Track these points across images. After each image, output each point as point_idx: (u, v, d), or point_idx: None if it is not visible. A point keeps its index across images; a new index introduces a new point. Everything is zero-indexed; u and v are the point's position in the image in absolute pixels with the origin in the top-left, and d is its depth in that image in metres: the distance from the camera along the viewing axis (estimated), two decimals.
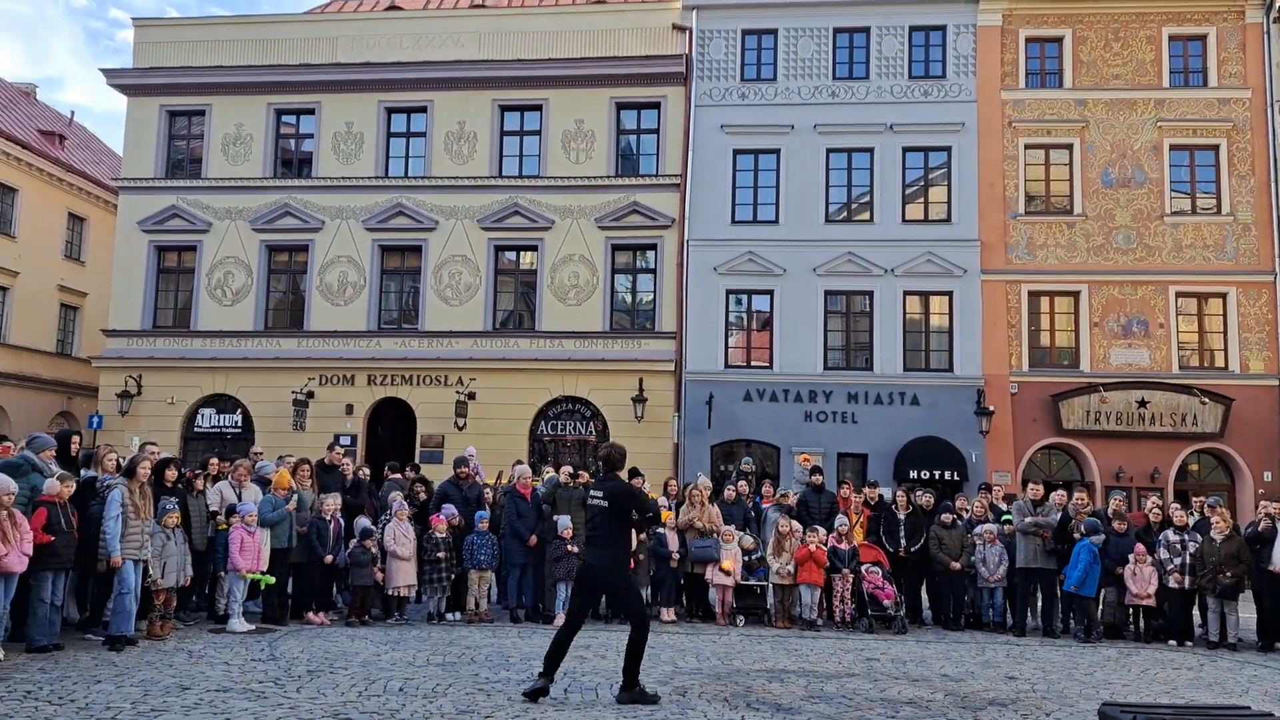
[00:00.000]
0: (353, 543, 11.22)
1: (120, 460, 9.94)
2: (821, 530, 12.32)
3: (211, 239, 23.47)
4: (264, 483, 11.25)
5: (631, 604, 7.48)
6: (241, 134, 23.82)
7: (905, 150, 22.35)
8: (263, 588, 10.50)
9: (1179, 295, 21.39)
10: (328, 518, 11.17)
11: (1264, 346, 21.00)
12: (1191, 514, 12.61)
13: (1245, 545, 11.49)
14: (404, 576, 11.38)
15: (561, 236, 22.65)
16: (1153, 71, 21.95)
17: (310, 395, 22.47)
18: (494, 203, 22.88)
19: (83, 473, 9.93)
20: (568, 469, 12.71)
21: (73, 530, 8.86)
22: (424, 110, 23.52)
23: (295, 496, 11.07)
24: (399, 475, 13.56)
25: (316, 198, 23.34)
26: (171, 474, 10.23)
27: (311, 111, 23.87)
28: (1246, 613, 11.95)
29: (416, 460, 21.37)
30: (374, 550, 11.13)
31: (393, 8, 25.65)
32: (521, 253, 23.26)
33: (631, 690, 7.14)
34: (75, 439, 10.37)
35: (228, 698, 6.94)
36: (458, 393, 22.15)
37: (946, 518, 12.60)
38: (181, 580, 9.88)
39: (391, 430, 23.11)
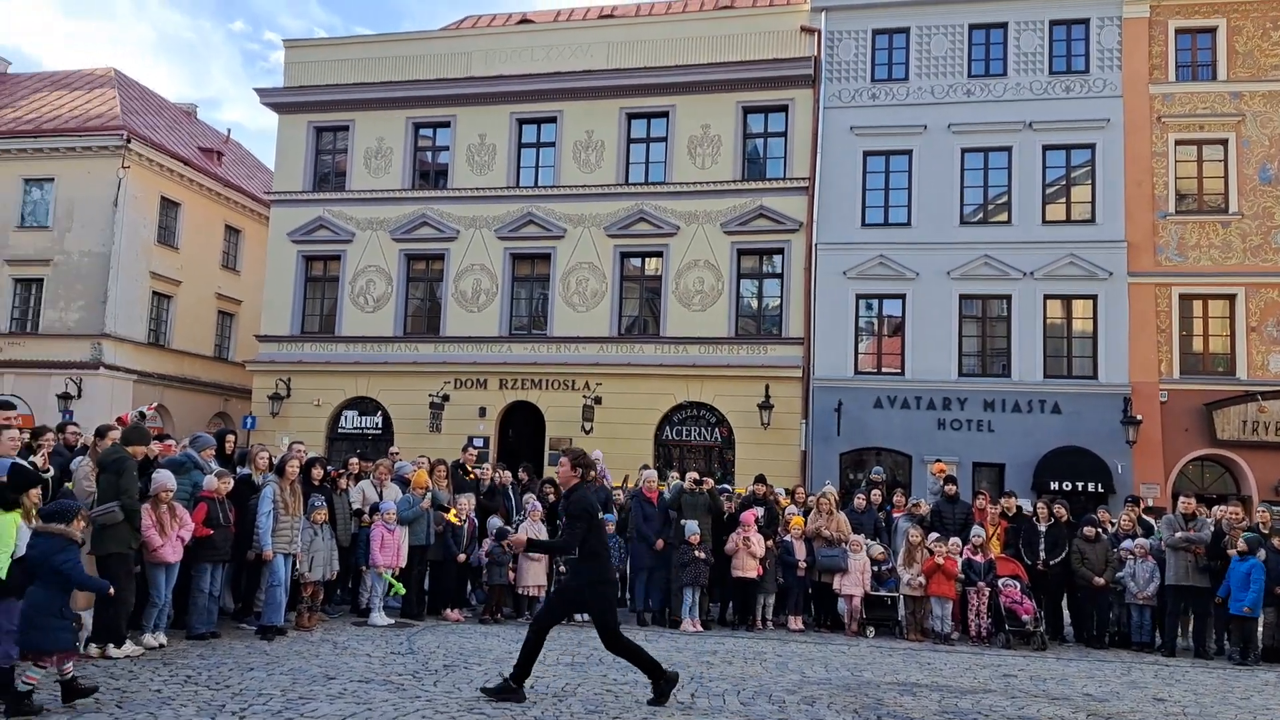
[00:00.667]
0: (487, 542, 11.54)
1: (271, 459, 10.51)
2: (956, 541, 11.99)
3: (354, 248, 24.55)
4: (403, 482, 11.69)
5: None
6: (382, 147, 24.83)
7: (1045, 149, 21.53)
8: (393, 595, 10.85)
9: None
10: (462, 517, 11.52)
11: None
12: None
13: None
14: (534, 576, 11.63)
15: (687, 242, 22.74)
16: None
17: (446, 398, 23.22)
18: (620, 210, 23.16)
19: (238, 470, 10.54)
20: (693, 474, 12.75)
21: (230, 525, 9.42)
22: (554, 120, 24.01)
23: (430, 495, 11.47)
24: (528, 478, 13.91)
25: (452, 208, 24.12)
26: (318, 472, 10.76)
27: (447, 124, 24.69)
28: None
29: (545, 463, 21.92)
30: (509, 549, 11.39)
31: (524, 21, 26.30)
32: (647, 259, 23.46)
33: (658, 680, 7.08)
34: (230, 438, 11.02)
35: (369, 688, 7.25)
36: (585, 397, 22.51)
37: (1090, 531, 12.08)
38: (328, 574, 10.37)
39: (522, 433, 23.66)
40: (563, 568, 11.47)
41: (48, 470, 8.21)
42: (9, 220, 27.30)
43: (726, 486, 14.03)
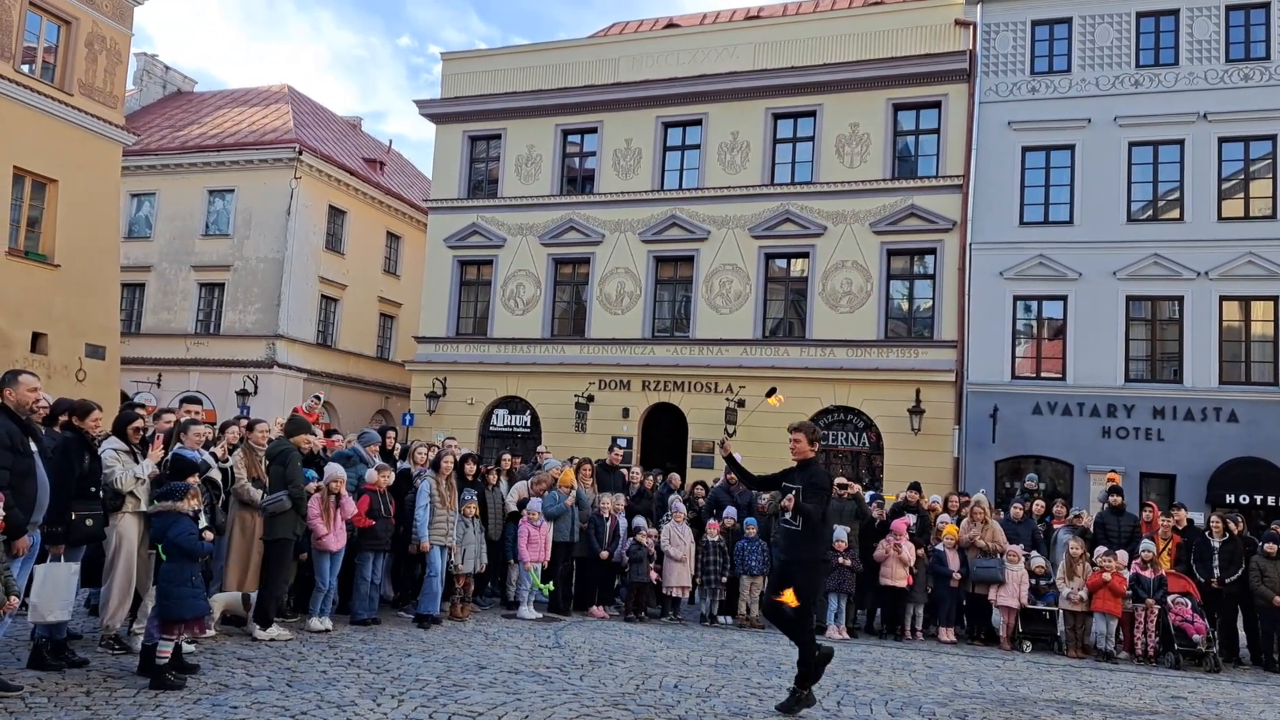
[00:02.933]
0: (629, 539, 11.71)
1: (430, 455, 10.96)
2: (1123, 555, 11.39)
3: (505, 253, 25.30)
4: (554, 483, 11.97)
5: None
6: (532, 154, 25.50)
7: (1221, 141, 20.15)
8: (543, 592, 11.09)
9: None
10: (605, 515, 11.72)
11: None
12: None
13: None
14: (678, 577, 11.72)
15: (834, 243, 22.40)
16: None
17: (590, 399, 23.64)
18: (765, 211, 23.02)
19: (398, 465, 11.05)
20: (839, 480, 12.55)
21: (390, 516, 9.88)
22: (699, 123, 24.10)
23: (574, 493, 11.72)
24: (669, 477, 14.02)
25: (597, 212, 24.54)
26: (471, 468, 11.16)
27: (594, 130, 25.13)
28: None
29: (688, 465, 22.02)
30: (649, 546, 11.53)
31: (670, 25, 26.50)
32: (792, 260, 23.22)
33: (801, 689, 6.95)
34: (391, 434, 11.56)
35: (519, 679, 7.48)
36: (727, 400, 22.47)
37: (1271, 547, 11.25)
38: (478, 566, 10.74)
39: (665, 434, 23.83)
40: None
41: (227, 460, 8.80)
42: (195, 229, 29.42)
43: (877, 493, 13.76)
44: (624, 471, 13.42)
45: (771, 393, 9.28)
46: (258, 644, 8.14)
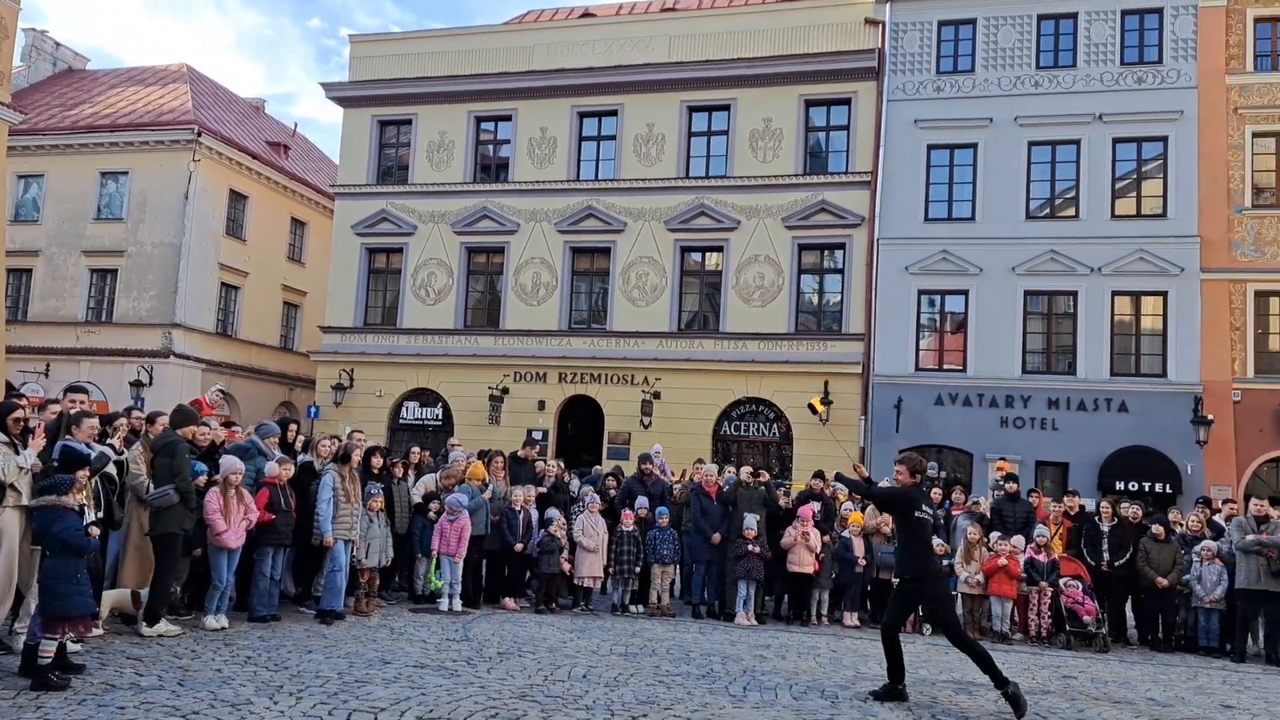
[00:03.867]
0: (541, 531, 11.64)
1: (334, 447, 10.70)
2: (1019, 540, 11.77)
3: (416, 241, 24.89)
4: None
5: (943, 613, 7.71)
6: (444, 141, 25.12)
7: (1115, 141, 20.98)
8: (432, 585, 10.92)
9: None
10: (518, 508, 11.63)
11: None
12: None
13: None
14: (590, 567, 11.69)
15: (747, 237, 22.63)
16: None
17: (505, 391, 23.44)
18: (680, 204, 23.12)
19: (301, 457, 10.75)
20: (748, 468, 12.69)
21: (291, 510, 9.62)
22: (614, 114, 24.06)
23: (490, 487, 11.60)
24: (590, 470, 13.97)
25: (512, 201, 24.32)
26: (377, 461, 10.94)
27: (508, 118, 24.88)
28: None
29: (604, 456, 22.02)
30: (560, 537, 11.48)
31: (586, 15, 26.39)
32: (707, 254, 23.39)
33: (1004, 689, 7.06)
34: (293, 426, 11.25)
35: (424, 674, 7.35)
36: (643, 392, 22.54)
37: (1159, 530, 11.76)
38: (383, 561, 10.54)
39: (581, 427, 23.78)
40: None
41: (122, 453, 8.46)
42: (86, 212, 28.20)
43: (784, 481, 13.94)
44: (538, 464, 13.29)
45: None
46: (148, 642, 7.84)
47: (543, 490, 12.44)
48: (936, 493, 13.59)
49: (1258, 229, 20.07)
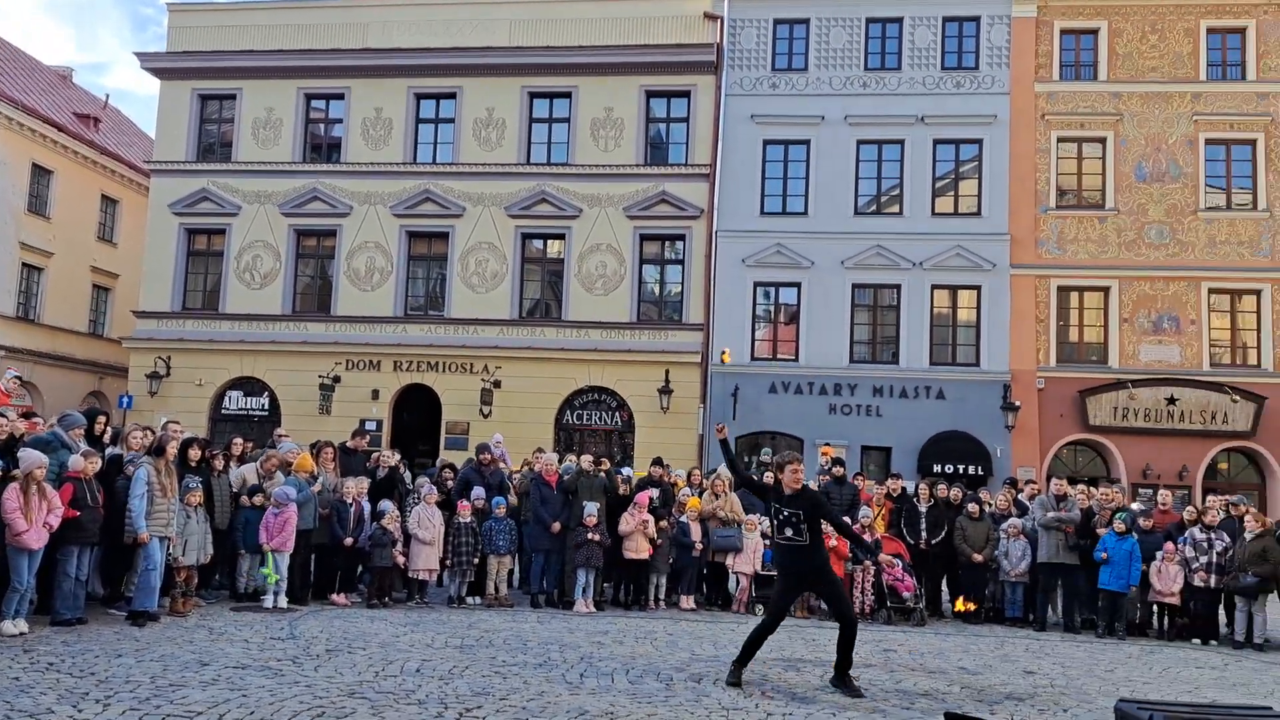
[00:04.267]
0: (373, 524, 11.30)
1: (148, 439, 10.05)
2: (846, 521, 12.25)
3: (240, 222, 23.68)
4: (286, 465, 11.33)
5: (838, 598, 7.75)
6: (271, 118, 23.98)
7: (936, 142, 22.13)
8: (269, 580, 10.47)
9: (1211, 291, 21.08)
10: (349, 501, 11.25)
11: None
12: (1219, 512, 12.37)
13: (1275, 544, 11.30)
14: (425, 560, 11.44)
15: (589, 225, 22.65)
16: (1190, 64, 21.59)
17: (337, 380, 22.65)
18: (522, 190, 22.91)
19: (109, 450, 10.06)
20: (588, 457, 12.72)
21: (98, 506, 8.98)
22: (453, 96, 23.57)
23: (320, 479, 11.17)
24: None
25: (345, 183, 23.48)
26: (195, 453, 10.35)
27: (341, 96, 23.99)
28: (1275, 613, 11.77)
29: (442, 447, 21.62)
30: (393, 530, 11.18)
31: None
32: (549, 241, 23.28)
33: (841, 678, 7.34)
34: (101, 418, 10.51)
35: (245, 674, 7.01)
36: (483, 380, 22.25)
37: (974, 508, 12.51)
38: (202, 558, 10.00)
39: (417, 416, 23.25)
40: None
41: None
42: None
43: (625, 470, 14.04)
44: (375, 462, 12.85)
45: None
46: None
47: (376, 481, 12.07)
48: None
49: (1060, 228, 21.61)
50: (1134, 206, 21.39)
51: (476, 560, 11.71)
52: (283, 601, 10.35)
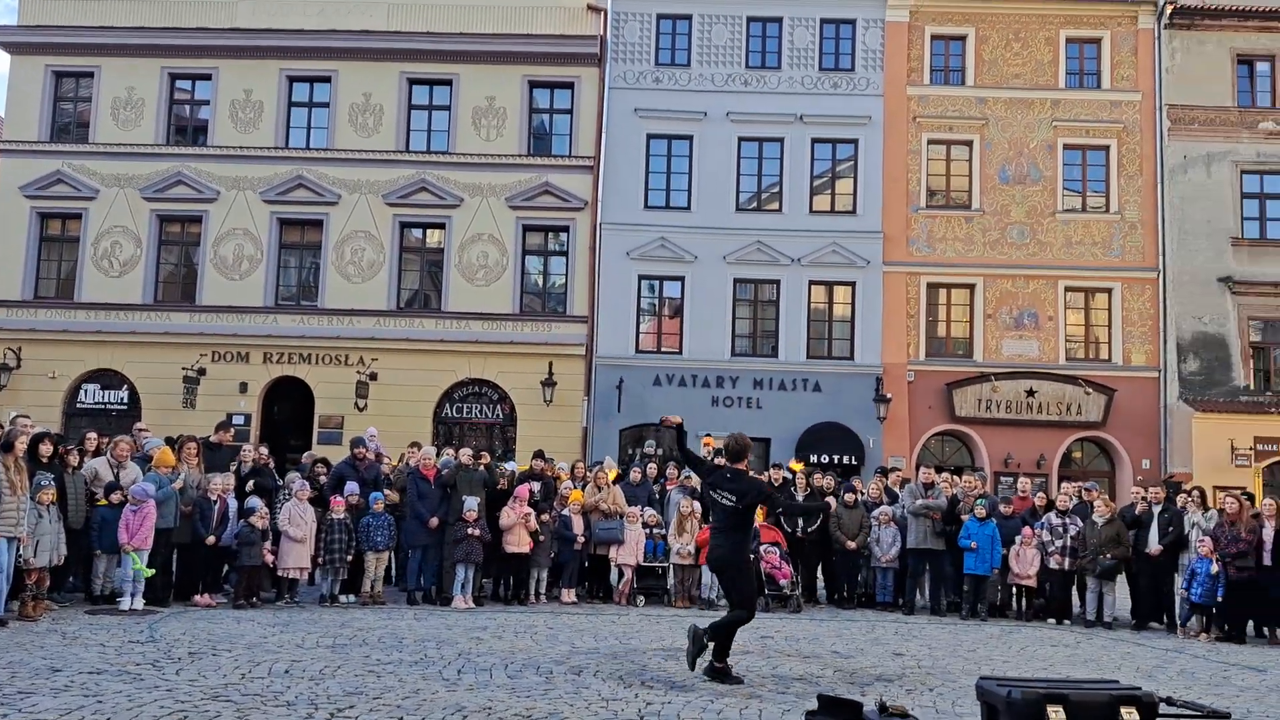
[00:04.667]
0: (240, 522, 10.87)
1: None
2: None
3: (98, 207, 22.43)
4: (147, 461, 10.80)
5: (741, 590, 7.60)
6: (132, 98, 22.78)
7: (814, 141, 22.65)
8: (145, 576, 10.01)
9: (1068, 289, 22.23)
10: (213, 498, 10.79)
11: (1146, 340, 21.98)
12: (1073, 498, 13.05)
13: (1125, 529, 12.00)
14: (296, 558, 11.07)
15: (470, 215, 22.32)
16: (1050, 72, 22.68)
17: (201, 372, 21.71)
18: (400, 178, 22.40)
19: None
20: (467, 451, 12.53)
21: None
22: (328, 80, 22.86)
23: (182, 476, 10.67)
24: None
25: (212, 167, 22.51)
26: (46, 449, 9.76)
27: (208, 77, 22.97)
28: (1122, 593, 12.50)
29: (314, 441, 20.98)
30: (260, 528, 10.78)
31: None
32: (428, 230, 22.87)
33: (717, 667, 7.27)
34: None
35: (101, 680, 6.64)
36: (359, 373, 21.68)
37: (849, 497, 12.86)
38: (54, 559, 9.44)
39: (289, 410, 22.50)
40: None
41: None
42: None
43: (506, 464, 13.92)
44: (242, 458, 12.34)
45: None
46: None
47: (243, 477, 11.61)
48: (652, 468, 14.11)
49: (930, 227, 22.43)
50: (998, 207, 22.37)
51: (350, 558, 11.40)
52: (139, 603, 9.85)
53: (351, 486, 11.71)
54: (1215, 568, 10.94)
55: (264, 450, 12.61)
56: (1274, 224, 22.29)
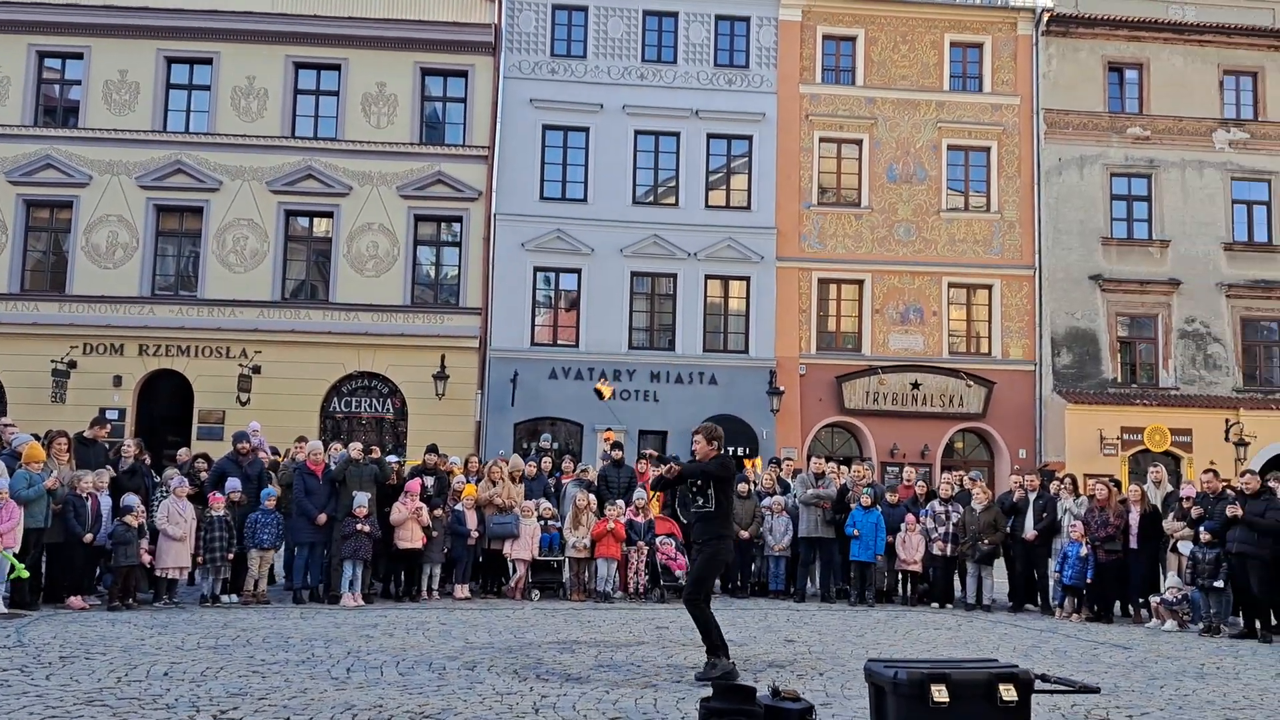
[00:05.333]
0: (115, 521, 10.36)
1: None
2: (620, 504, 12.47)
3: None
4: (16, 458, 10.19)
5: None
6: None
7: (710, 137, 22.87)
8: (10, 577, 9.45)
9: (951, 286, 23.02)
10: (84, 495, 10.26)
11: (1023, 335, 22.94)
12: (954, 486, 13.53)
13: (1002, 515, 12.49)
14: (175, 557, 10.61)
15: (360, 204, 21.79)
16: (935, 75, 23.42)
17: (72, 365, 20.66)
18: (285, 165, 21.72)
19: None
20: (357, 445, 12.23)
21: None
22: (209, 62, 21.98)
23: (55, 473, 10.10)
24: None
25: (84, 150, 21.41)
26: None
27: (80, 56, 21.83)
28: (1000, 578, 13.02)
29: (194, 436, 20.20)
30: (136, 526, 10.29)
31: None
32: (315, 219, 22.24)
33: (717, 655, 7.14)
34: None
35: None
36: (241, 366, 20.94)
37: (742, 488, 13.02)
38: None
39: (167, 405, 21.58)
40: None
41: None
42: None
43: (397, 458, 13.66)
44: (116, 453, 11.77)
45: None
46: None
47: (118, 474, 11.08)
48: (547, 461, 14.04)
49: (821, 224, 22.91)
50: (886, 205, 23.00)
51: (232, 556, 11.00)
52: (2, 607, 9.28)
53: (234, 483, 11.30)
54: (1084, 550, 11.48)
55: (136, 445, 12.04)
56: (1140, 224, 23.52)
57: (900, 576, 12.90)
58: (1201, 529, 10.75)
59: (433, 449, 13.34)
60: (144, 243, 21.39)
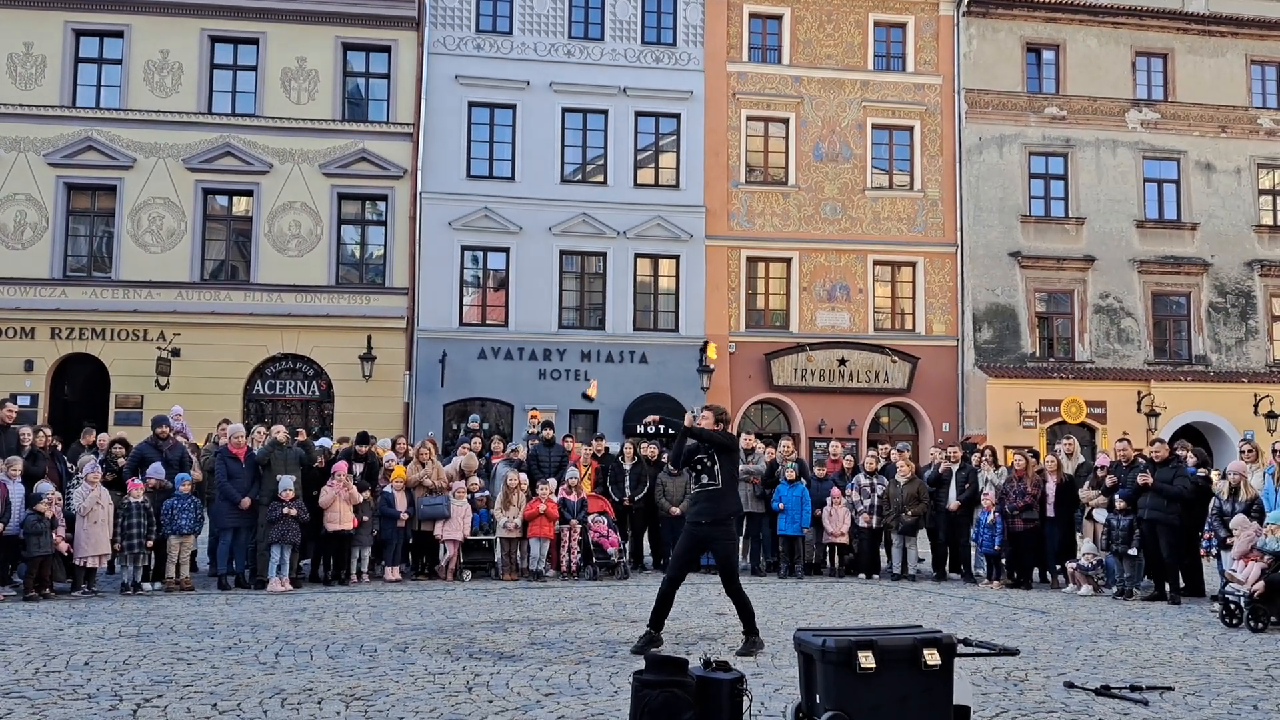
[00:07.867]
0: (27, 509, 10.01)
1: None
2: (552, 482, 12.46)
3: None
4: None
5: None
6: None
7: (638, 115, 22.81)
8: None
9: (876, 263, 23.40)
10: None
11: (946, 311, 23.45)
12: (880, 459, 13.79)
13: (925, 487, 12.79)
14: (94, 545, 10.30)
15: (281, 182, 21.27)
16: (860, 54, 23.68)
17: None
18: (202, 141, 21.08)
19: None
20: (282, 428, 11.98)
21: None
22: (120, 35, 21.18)
23: None
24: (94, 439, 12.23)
25: None
26: None
27: None
28: (925, 548, 13.36)
29: (111, 422, 19.59)
30: (49, 515, 9.96)
31: None
32: (235, 198, 21.66)
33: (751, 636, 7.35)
34: None
35: None
36: (159, 349, 20.35)
37: (674, 467, 13.09)
38: None
39: (81, 389, 20.88)
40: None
41: None
42: None
43: (325, 441, 13.41)
44: (22, 438, 11.32)
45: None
46: None
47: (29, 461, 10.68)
48: (476, 442, 13.93)
49: (749, 202, 23.07)
50: (812, 184, 23.24)
51: (151, 543, 10.72)
52: None
53: (156, 468, 11.00)
54: (992, 517, 11.83)
55: (32, 430, 11.60)
56: (1057, 202, 24.19)
57: (828, 549, 13.13)
58: (1116, 496, 11.16)
59: (364, 438, 13.10)
60: (54, 222, 20.60)
